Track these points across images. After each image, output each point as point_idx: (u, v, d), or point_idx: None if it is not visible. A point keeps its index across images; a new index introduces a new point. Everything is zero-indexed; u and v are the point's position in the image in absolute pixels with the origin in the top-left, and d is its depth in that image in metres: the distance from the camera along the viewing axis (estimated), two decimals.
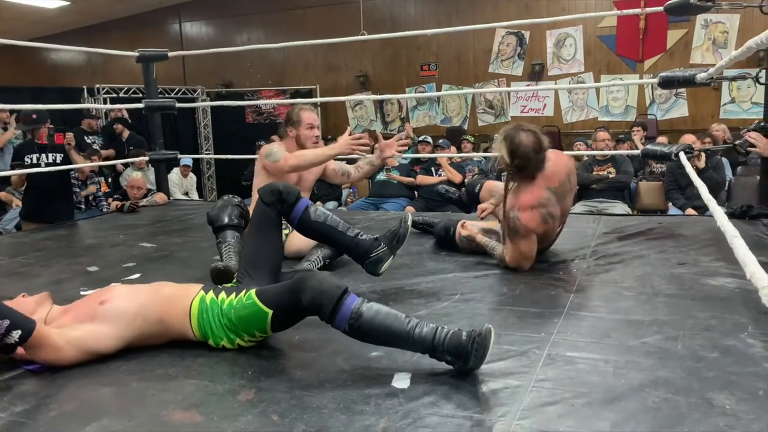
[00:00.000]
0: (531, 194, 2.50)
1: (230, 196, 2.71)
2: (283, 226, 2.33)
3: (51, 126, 4.42)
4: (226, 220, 2.56)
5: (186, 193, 7.61)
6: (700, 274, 2.44)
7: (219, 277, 2.26)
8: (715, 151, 5.13)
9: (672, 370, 1.57)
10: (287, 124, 3.07)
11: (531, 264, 2.58)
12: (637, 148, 5.56)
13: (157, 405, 1.51)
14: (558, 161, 2.62)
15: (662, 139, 6.30)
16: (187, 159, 7.37)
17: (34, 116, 4.26)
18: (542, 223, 2.52)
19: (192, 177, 7.88)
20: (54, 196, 4.37)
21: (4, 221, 5.74)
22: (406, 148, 2.85)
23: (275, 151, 2.94)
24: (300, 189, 2.38)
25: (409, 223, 2.29)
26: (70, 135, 4.68)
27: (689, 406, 1.38)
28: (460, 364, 1.57)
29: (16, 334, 1.59)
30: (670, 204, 5.55)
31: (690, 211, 5.12)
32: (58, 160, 4.30)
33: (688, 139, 5.35)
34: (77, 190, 5.70)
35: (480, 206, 2.89)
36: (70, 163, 4.56)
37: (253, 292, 1.76)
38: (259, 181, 3.00)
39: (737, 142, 3.26)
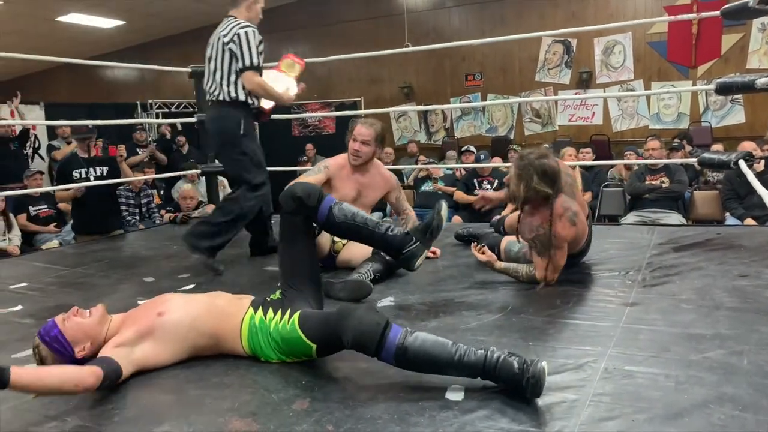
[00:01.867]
0: (555, 205, 2.49)
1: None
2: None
3: (103, 140, 4.57)
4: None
5: None
6: (764, 286, 2.34)
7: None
8: None
9: (738, 386, 1.51)
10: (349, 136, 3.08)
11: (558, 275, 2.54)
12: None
13: (214, 412, 1.54)
14: None
15: (717, 146, 6.09)
16: None
17: (90, 126, 4.42)
18: (571, 226, 2.49)
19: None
20: (104, 208, 4.48)
21: (65, 232, 5.97)
22: None
23: (311, 170, 3.05)
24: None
25: (443, 213, 2.20)
26: (121, 147, 4.82)
27: (758, 423, 1.33)
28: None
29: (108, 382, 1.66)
30: (727, 214, 5.34)
31: (749, 221, 4.92)
32: (105, 173, 4.42)
33: (747, 146, 5.15)
34: (131, 201, 5.89)
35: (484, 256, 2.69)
36: (118, 176, 4.69)
37: (296, 319, 1.76)
38: None
39: None
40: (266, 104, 3.38)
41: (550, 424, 1.40)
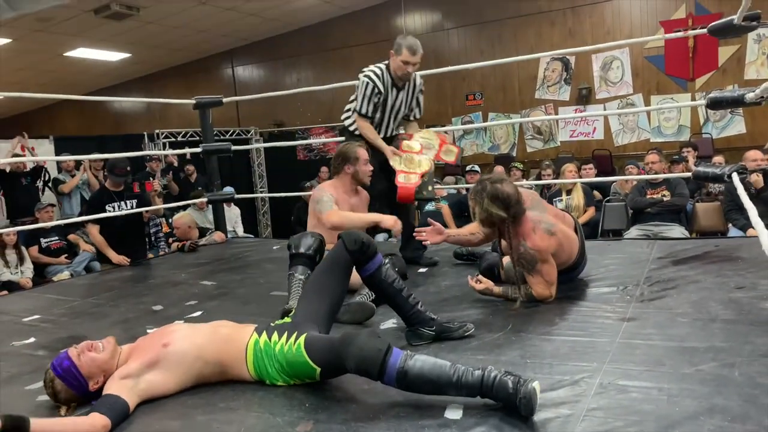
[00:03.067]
0: (524, 222, 2.57)
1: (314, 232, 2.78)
2: None
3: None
4: (303, 249, 2.63)
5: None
6: (759, 297, 2.37)
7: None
8: None
9: (728, 398, 1.55)
10: (344, 162, 3.15)
11: (555, 290, 2.59)
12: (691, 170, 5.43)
13: None
14: None
15: (718, 158, 6.13)
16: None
17: (128, 169, 4.57)
18: (549, 236, 2.56)
19: (235, 209, 7.87)
20: (133, 239, 4.62)
21: (75, 263, 6.07)
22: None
23: (324, 201, 3.03)
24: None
25: (469, 334, 2.24)
26: (155, 182, 4.97)
27: None
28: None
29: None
30: (730, 225, 5.37)
31: (752, 232, 4.94)
32: (134, 207, 4.55)
33: (753, 155, 5.17)
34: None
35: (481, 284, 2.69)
36: (145, 208, 4.81)
37: (302, 342, 1.81)
38: (312, 222, 3.10)
39: None
40: (447, 157, 3.54)
41: None
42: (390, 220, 2.94)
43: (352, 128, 3.56)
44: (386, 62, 3.40)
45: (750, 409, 1.48)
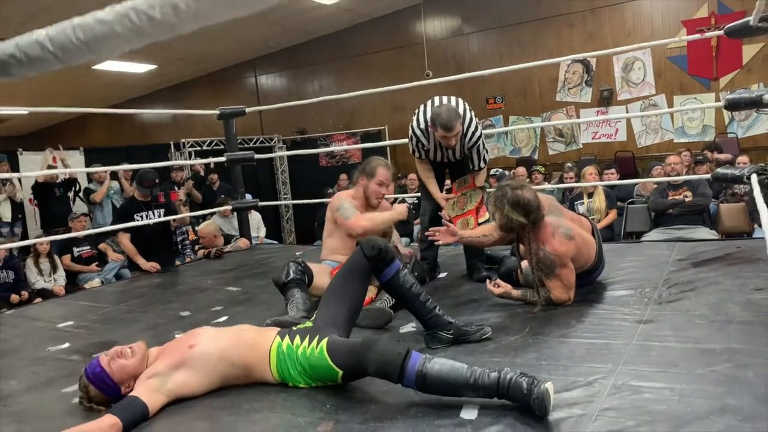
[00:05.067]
0: (543, 227, 2.60)
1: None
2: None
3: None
4: (286, 277, 2.76)
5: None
6: None
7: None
8: None
9: (740, 398, 1.57)
10: (362, 172, 3.19)
11: (574, 293, 2.62)
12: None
13: None
14: None
15: (743, 158, 6.06)
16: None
17: (156, 181, 4.71)
18: (568, 241, 2.59)
19: (256, 214, 7.88)
20: (161, 247, 4.76)
21: (105, 271, 6.24)
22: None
23: (346, 208, 3.07)
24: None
25: (486, 337, 2.28)
26: (181, 192, 5.11)
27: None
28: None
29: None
30: (756, 225, 5.31)
31: None
32: (161, 215, 4.69)
33: None
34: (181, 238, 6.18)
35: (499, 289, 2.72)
36: (172, 217, 4.95)
37: (324, 345, 1.88)
38: (329, 229, 3.17)
39: None
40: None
41: None
42: (400, 211, 3.10)
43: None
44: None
45: (762, 409, 1.50)
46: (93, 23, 0.48)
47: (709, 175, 3.69)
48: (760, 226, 5.18)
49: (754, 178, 2.94)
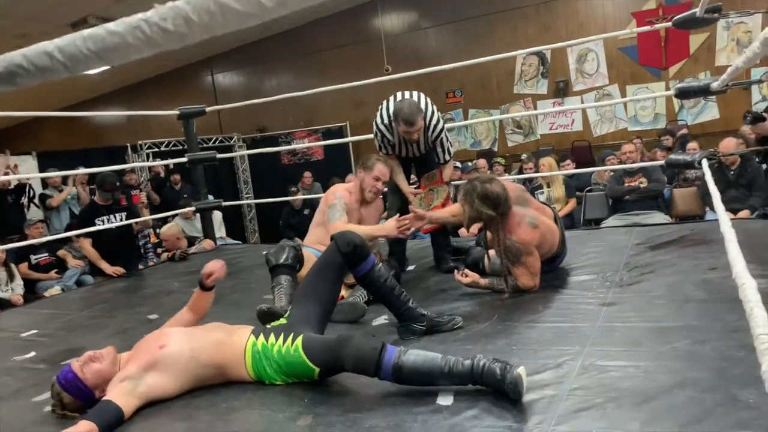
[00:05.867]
0: (509, 218, 2.68)
1: (287, 240, 2.87)
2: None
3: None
4: (282, 260, 2.74)
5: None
6: (731, 277, 2.49)
7: (265, 319, 2.43)
8: (748, 152, 5.13)
9: (700, 371, 1.66)
10: (361, 165, 3.20)
11: (539, 280, 2.70)
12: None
13: None
14: None
15: (693, 145, 6.28)
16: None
17: (118, 184, 4.62)
18: (533, 230, 2.68)
19: (217, 214, 7.71)
20: (124, 251, 4.67)
21: (66, 278, 6.09)
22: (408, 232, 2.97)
23: (337, 209, 3.04)
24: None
25: (458, 326, 2.33)
26: (143, 195, 5.01)
27: (715, 402, 1.48)
28: None
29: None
30: (707, 209, 5.53)
31: (728, 214, 5.10)
32: (123, 219, 4.61)
33: (728, 143, 5.32)
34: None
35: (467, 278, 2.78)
36: (134, 220, 4.86)
37: (300, 343, 1.90)
38: (319, 220, 3.17)
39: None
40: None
41: (531, 419, 1.54)
42: (391, 229, 2.90)
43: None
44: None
45: (719, 381, 1.59)
46: (104, 35, 0.49)
47: (662, 162, 3.83)
48: (711, 209, 5.41)
49: (704, 162, 3.07)
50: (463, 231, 4.80)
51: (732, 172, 5.25)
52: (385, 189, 3.25)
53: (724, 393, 1.52)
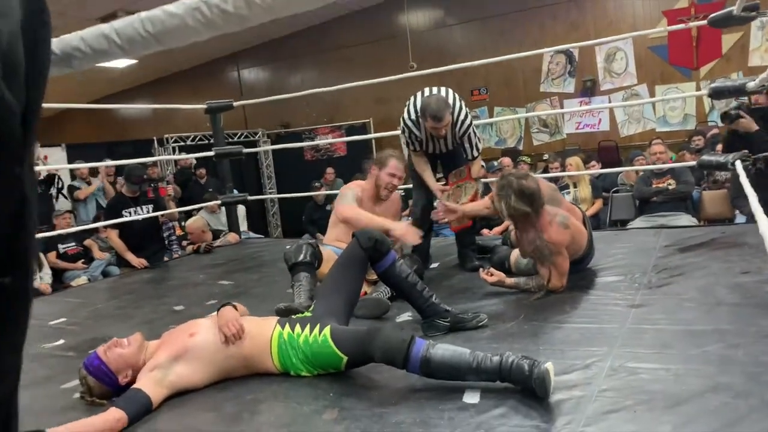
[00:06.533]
0: (541, 216, 2.64)
1: (306, 237, 2.88)
2: None
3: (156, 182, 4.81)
4: (300, 257, 2.75)
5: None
6: (764, 281, 2.44)
7: (284, 316, 2.43)
8: None
9: (732, 376, 1.63)
10: (375, 162, 3.20)
11: (566, 280, 2.67)
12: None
13: (252, 426, 1.68)
14: None
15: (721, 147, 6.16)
16: None
17: (145, 177, 4.68)
18: (564, 230, 2.65)
19: (241, 208, 7.75)
20: (150, 243, 4.73)
21: (92, 268, 6.19)
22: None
23: (348, 196, 3.07)
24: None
25: (482, 324, 2.32)
26: (170, 187, 5.06)
27: (749, 408, 1.45)
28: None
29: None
30: (737, 212, 5.42)
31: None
32: (150, 211, 4.67)
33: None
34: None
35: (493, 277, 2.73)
36: (161, 212, 4.92)
37: (328, 333, 1.91)
38: (333, 219, 3.18)
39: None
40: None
41: (559, 419, 1.52)
42: (401, 229, 2.85)
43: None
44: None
45: (753, 386, 1.56)
46: (163, 16, 0.49)
47: (692, 163, 3.76)
48: (741, 212, 5.30)
49: (738, 164, 3.01)
50: (485, 230, 4.77)
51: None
52: (400, 185, 3.22)
53: (759, 399, 1.48)
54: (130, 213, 4.54)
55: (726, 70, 7.82)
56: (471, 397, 1.68)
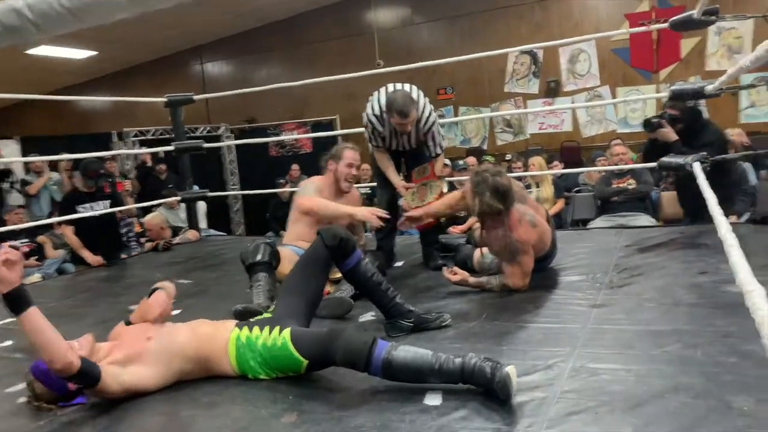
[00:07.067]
0: (511, 214, 2.63)
1: (269, 235, 2.84)
2: None
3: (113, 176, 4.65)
4: (258, 257, 2.69)
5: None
6: (721, 282, 2.48)
7: (243, 318, 2.37)
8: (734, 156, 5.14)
9: (692, 376, 1.64)
10: (330, 158, 3.16)
11: (529, 280, 2.67)
12: None
13: (208, 430, 1.62)
14: None
15: None
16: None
17: (102, 171, 4.51)
18: (532, 228, 2.65)
19: (201, 204, 7.59)
20: (107, 239, 4.57)
21: (46, 265, 5.98)
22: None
23: (306, 187, 3.07)
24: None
25: (446, 324, 2.29)
26: (127, 182, 4.91)
27: (708, 408, 1.46)
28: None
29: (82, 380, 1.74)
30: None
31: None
32: (107, 207, 4.51)
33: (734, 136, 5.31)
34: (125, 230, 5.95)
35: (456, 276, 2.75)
36: (118, 208, 4.77)
37: (288, 336, 1.85)
38: (294, 216, 3.12)
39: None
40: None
41: (521, 422, 1.51)
42: (363, 212, 2.92)
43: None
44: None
45: (712, 387, 1.57)
46: None
47: (652, 164, 3.82)
48: (685, 213, 5.38)
49: (696, 166, 3.06)
50: (451, 228, 4.77)
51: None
52: (356, 173, 3.18)
53: (718, 399, 1.49)
54: (85, 209, 4.39)
55: (684, 74, 8.00)
56: (433, 399, 1.65)
